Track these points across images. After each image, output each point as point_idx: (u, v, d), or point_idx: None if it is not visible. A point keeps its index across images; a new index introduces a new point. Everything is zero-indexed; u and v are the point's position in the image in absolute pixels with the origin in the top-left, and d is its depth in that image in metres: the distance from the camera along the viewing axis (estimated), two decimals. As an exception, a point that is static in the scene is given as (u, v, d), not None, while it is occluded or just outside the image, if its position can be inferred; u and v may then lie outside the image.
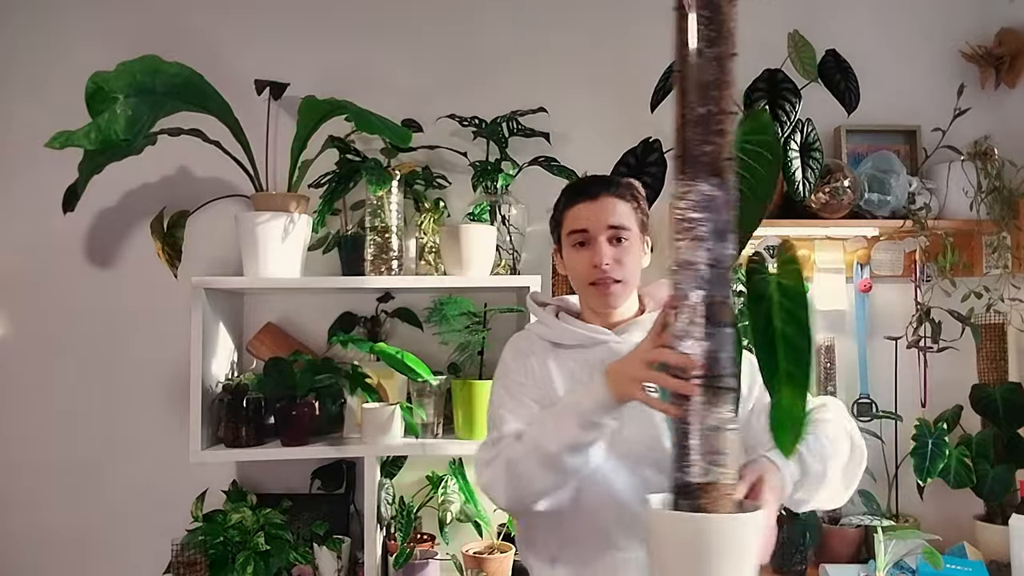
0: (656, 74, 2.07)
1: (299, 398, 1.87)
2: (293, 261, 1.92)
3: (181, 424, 1.85)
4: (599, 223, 1.36)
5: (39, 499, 2.06)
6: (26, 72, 2.11)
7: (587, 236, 1.37)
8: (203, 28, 2.15)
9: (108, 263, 2.12)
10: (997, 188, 2.13)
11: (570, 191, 1.44)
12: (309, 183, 1.99)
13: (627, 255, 1.37)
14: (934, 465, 2.03)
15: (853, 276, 2.27)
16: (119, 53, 1.64)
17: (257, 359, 2.03)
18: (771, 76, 1.99)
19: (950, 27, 2.36)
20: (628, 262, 1.37)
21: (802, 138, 1.98)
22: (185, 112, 1.75)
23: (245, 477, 2.08)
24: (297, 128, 1.91)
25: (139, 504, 2.06)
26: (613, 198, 1.38)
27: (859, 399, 2.23)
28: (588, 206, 1.38)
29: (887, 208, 2.11)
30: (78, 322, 2.09)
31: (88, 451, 2.07)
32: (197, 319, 1.82)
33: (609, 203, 1.38)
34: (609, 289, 1.37)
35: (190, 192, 2.08)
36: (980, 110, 2.27)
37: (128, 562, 2.05)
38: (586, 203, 1.39)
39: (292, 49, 2.17)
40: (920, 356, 2.21)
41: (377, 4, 2.22)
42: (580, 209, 1.39)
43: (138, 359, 2.09)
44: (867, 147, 2.28)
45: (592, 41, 2.24)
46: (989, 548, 2.05)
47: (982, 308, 2.17)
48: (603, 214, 1.36)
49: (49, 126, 1.57)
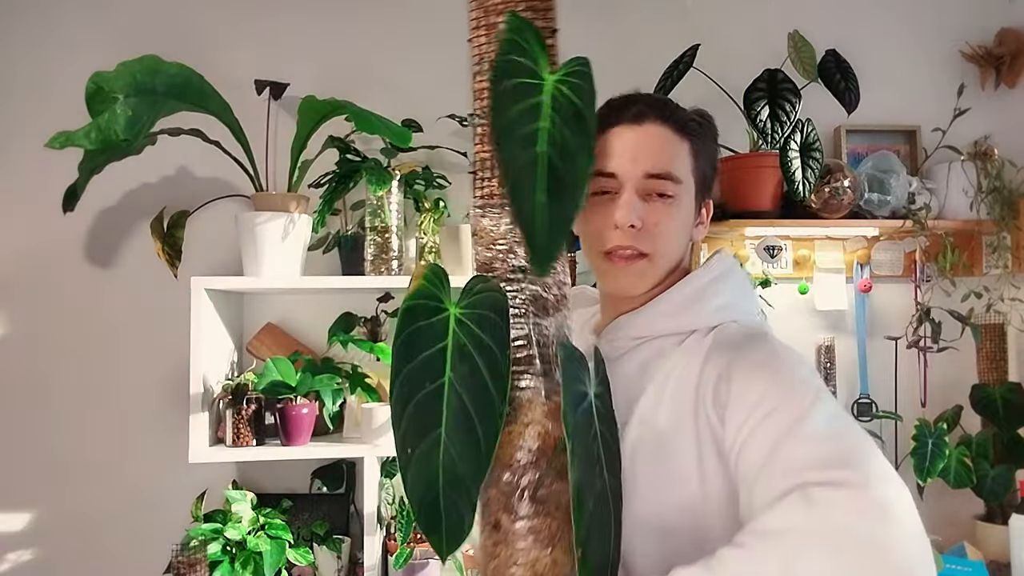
0: (656, 74, 2.07)
1: (299, 398, 1.87)
2: (293, 261, 1.92)
3: (181, 424, 1.85)
4: (634, 165, 0.95)
5: (39, 499, 2.06)
6: (26, 72, 2.11)
7: (614, 184, 0.95)
8: (203, 28, 2.15)
9: (108, 263, 2.12)
10: (997, 188, 2.13)
11: (608, 107, 1.00)
12: (309, 183, 1.99)
13: (667, 219, 0.96)
14: (934, 465, 2.03)
15: (853, 276, 2.27)
16: (119, 53, 1.63)
17: (257, 359, 2.03)
18: (771, 76, 1.99)
19: (950, 27, 2.36)
20: (666, 229, 0.96)
21: (802, 138, 1.98)
22: (185, 112, 1.74)
23: (245, 477, 2.08)
24: (297, 128, 1.90)
25: (139, 504, 2.06)
26: (664, 127, 0.96)
27: (859, 399, 2.23)
28: (624, 134, 0.96)
29: (887, 208, 2.11)
30: (78, 322, 2.09)
31: (88, 451, 2.07)
32: (197, 319, 1.82)
33: (656, 135, 0.96)
34: (628, 265, 0.96)
35: (190, 192, 2.08)
36: (980, 110, 2.27)
37: (128, 562, 2.05)
38: (623, 129, 0.96)
39: (292, 49, 2.17)
40: (920, 356, 2.21)
41: (377, 4, 2.22)
42: (613, 138, 0.96)
43: (138, 359, 2.09)
44: (867, 147, 2.28)
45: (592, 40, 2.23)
46: (989, 548, 2.05)
47: (982, 308, 2.17)
48: (643, 152, 0.95)
49: (49, 126, 1.56)
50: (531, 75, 0.84)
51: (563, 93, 0.83)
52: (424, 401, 0.82)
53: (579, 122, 0.82)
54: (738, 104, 2.02)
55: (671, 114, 0.97)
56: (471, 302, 0.85)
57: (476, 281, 0.87)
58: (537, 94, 0.83)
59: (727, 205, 2.11)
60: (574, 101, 0.82)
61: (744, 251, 2.22)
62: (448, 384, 0.82)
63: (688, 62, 2.04)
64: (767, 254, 2.17)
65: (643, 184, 0.95)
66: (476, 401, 0.81)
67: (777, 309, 2.22)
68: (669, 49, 2.09)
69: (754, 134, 2.08)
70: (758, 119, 1.93)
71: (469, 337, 0.83)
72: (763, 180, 2.08)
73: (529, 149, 0.80)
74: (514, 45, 0.84)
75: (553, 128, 0.81)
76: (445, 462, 0.80)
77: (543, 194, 0.79)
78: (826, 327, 2.29)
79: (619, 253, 0.96)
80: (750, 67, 2.03)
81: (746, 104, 1.97)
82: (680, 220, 0.98)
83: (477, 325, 0.83)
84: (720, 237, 2.22)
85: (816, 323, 2.29)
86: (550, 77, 0.84)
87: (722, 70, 2.08)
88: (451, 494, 0.80)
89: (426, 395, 0.82)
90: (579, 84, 0.84)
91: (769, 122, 1.93)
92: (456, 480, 0.80)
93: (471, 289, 0.87)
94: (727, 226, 2.08)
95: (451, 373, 0.82)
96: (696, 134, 0.98)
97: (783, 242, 2.19)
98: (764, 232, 2.17)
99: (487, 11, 0.91)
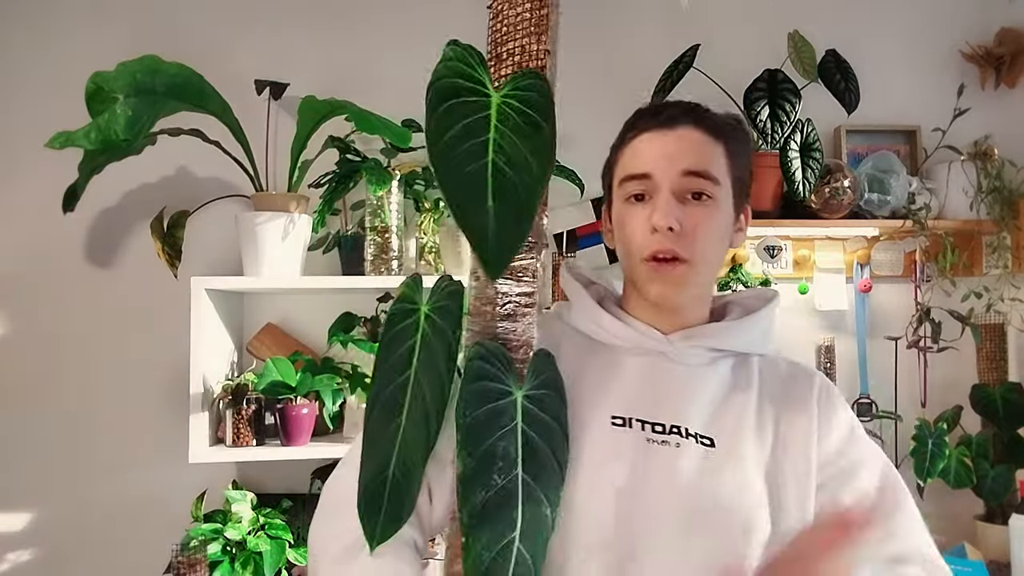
0: (656, 74, 2.07)
1: (299, 398, 1.87)
2: (293, 261, 1.92)
3: (181, 424, 1.85)
4: (669, 165, 0.91)
5: (39, 499, 2.06)
6: (26, 72, 2.11)
7: (649, 185, 0.92)
8: (203, 28, 2.15)
9: (108, 263, 2.12)
10: (997, 188, 2.13)
11: (637, 115, 0.99)
12: (309, 183, 1.99)
13: (706, 221, 0.92)
14: (934, 465, 2.03)
15: (853, 276, 2.27)
16: (119, 53, 1.63)
17: (257, 359, 2.03)
18: (771, 76, 1.99)
19: (950, 27, 2.36)
20: (705, 232, 0.92)
21: (802, 138, 1.98)
22: (185, 112, 1.74)
23: (245, 477, 2.08)
24: (297, 128, 1.90)
25: (139, 504, 2.06)
26: (698, 131, 0.93)
27: (859, 399, 2.23)
28: (657, 138, 0.93)
29: (887, 208, 2.11)
30: (78, 322, 2.09)
31: (88, 451, 2.07)
32: (197, 319, 1.82)
33: (690, 137, 0.93)
34: (672, 270, 0.91)
35: (190, 192, 2.08)
36: (980, 110, 2.27)
37: (128, 562, 2.05)
38: (655, 134, 0.94)
39: (292, 49, 2.17)
40: (920, 356, 2.21)
41: (377, 4, 2.22)
42: (644, 142, 0.94)
43: (138, 359, 2.09)
44: (867, 147, 2.28)
45: (592, 41, 2.24)
46: (989, 548, 2.06)
47: (982, 308, 2.17)
48: (679, 152, 0.91)
49: (49, 126, 1.56)
50: (475, 93, 0.87)
51: (511, 106, 0.86)
52: (391, 393, 0.88)
53: (531, 131, 0.85)
54: (738, 104, 2.02)
55: (704, 117, 0.94)
56: (437, 298, 0.91)
57: (443, 280, 0.92)
58: (483, 110, 0.86)
59: (727, 205, 2.11)
60: (524, 111, 0.85)
61: (744, 251, 2.22)
62: (413, 375, 0.87)
63: (688, 62, 2.04)
64: (767, 254, 2.17)
65: (680, 183, 0.91)
66: (432, 386, 0.86)
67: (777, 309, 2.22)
68: (669, 49, 2.09)
69: (754, 134, 2.08)
70: (758, 119, 1.94)
71: (431, 327, 0.88)
72: (763, 180, 2.08)
73: (476, 161, 0.83)
74: (453, 69, 0.87)
75: (501, 139, 0.84)
76: (400, 447, 0.86)
77: (492, 201, 0.81)
78: (826, 327, 2.28)
79: (659, 257, 0.91)
80: (750, 67, 2.03)
81: (746, 104, 1.97)
82: (720, 223, 0.94)
83: (439, 316, 0.89)
84: (720, 237, 2.22)
85: (816, 323, 2.29)
86: (496, 94, 0.87)
87: (722, 70, 2.08)
88: (399, 478, 0.86)
89: (394, 387, 0.88)
90: (528, 96, 0.87)
91: (769, 122, 1.93)
92: (405, 465, 0.86)
93: (439, 287, 0.92)
94: (727, 226, 2.08)
95: (416, 365, 0.87)
96: (731, 136, 0.96)
97: (783, 242, 2.19)
98: (764, 232, 2.17)
99: None
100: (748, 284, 2.15)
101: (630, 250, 0.94)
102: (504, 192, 0.81)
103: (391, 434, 0.87)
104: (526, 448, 0.84)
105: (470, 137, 0.83)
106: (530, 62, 0.91)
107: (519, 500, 0.83)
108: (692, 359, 0.97)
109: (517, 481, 0.83)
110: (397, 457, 0.86)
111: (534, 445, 0.85)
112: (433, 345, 0.87)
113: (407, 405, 0.87)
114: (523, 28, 0.91)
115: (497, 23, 0.93)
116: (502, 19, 0.92)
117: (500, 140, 0.83)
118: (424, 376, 0.87)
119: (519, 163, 0.83)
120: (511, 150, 0.83)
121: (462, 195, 0.81)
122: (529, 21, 0.91)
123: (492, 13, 0.94)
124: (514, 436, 0.84)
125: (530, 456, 0.85)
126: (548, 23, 0.93)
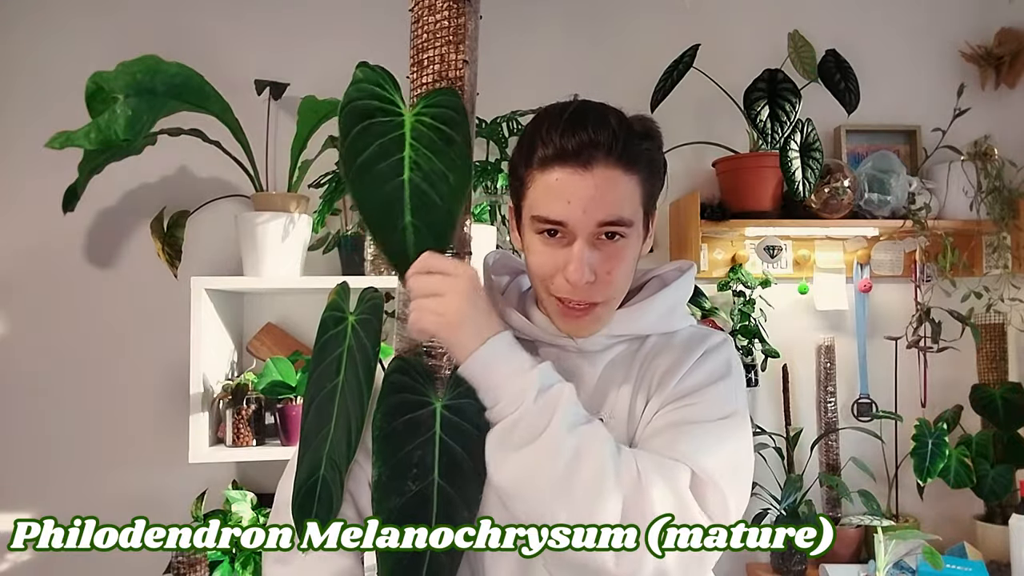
0: (656, 73, 2.07)
1: (299, 398, 1.87)
2: (293, 261, 1.92)
3: (181, 424, 1.85)
4: (585, 216, 0.88)
5: (38, 499, 2.06)
6: (26, 72, 2.11)
7: (563, 230, 0.90)
8: (203, 28, 2.15)
9: (108, 263, 2.12)
10: (997, 188, 2.13)
11: (546, 135, 0.90)
12: (309, 183, 1.99)
13: (620, 261, 0.92)
14: (934, 465, 2.03)
15: (853, 276, 2.27)
16: (119, 53, 1.63)
17: (257, 359, 2.03)
18: (771, 76, 1.99)
19: (950, 27, 2.36)
20: (619, 273, 0.92)
21: (802, 138, 1.98)
22: (185, 112, 1.75)
23: (245, 477, 2.08)
24: (297, 128, 1.90)
25: (139, 504, 2.06)
26: (615, 170, 0.88)
27: (859, 399, 2.24)
28: (571, 179, 0.88)
29: (887, 208, 2.11)
30: (78, 322, 2.09)
31: (88, 451, 2.07)
32: (197, 319, 1.82)
33: (606, 180, 0.88)
34: (585, 315, 0.93)
35: (190, 192, 2.08)
36: (980, 110, 2.27)
37: (128, 562, 2.05)
38: (568, 172, 0.88)
39: (292, 49, 2.17)
40: (920, 356, 2.21)
41: (377, 4, 2.22)
42: (557, 182, 0.88)
43: (138, 359, 2.09)
44: (867, 147, 2.28)
45: (592, 40, 2.24)
46: (989, 548, 2.06)
47: (982, 308, 2.17)
48: (593, 203, 0.88)
49: (49, 126, 1.56)
50: (388, 114, 0.90)
51: (424, 123, 0.89)
52: (324, 400, 0.91)
53: (445, 146, 0.88)
54: (738, 104, 2.02)
55: (618, 147, 0.89)
56: (361, 309, 0.93)
57: (368, 291, 0.95)
58: (397, 129, 0.89)
59: (727, 205, 2.11)
60: (437, 127, 0.88)
61: (744, 251, 2.22)
62: (341, 383, 0.90)
63: (688, 62, 2.04)
64: (767, 254, 2.17)
65: (596, 231, 0.90)
66: (352, 396, 0.90)
67: (777, 309, 2.22)
68: (669, 49, 2.09)
69: (754, 134, 2.08)
70: (758, 119, 1.94)
71: (355, 339, 0.91)
72: (763, 180, 2.08)
73: (392, 179, 0.86)
74: (365, 91, 0.91)
75: (416, 156, 0.87)
76: (329, 451, 0.90)
77: (411, 217, 0.86)
78: (826, 327, 2.29)
79: (573, 304, 0.92)
80: (750, 67, 2.03)
81: (746, 104, 1.97)
82: (633, 253, 0.94)
83: (362, 328, 0.92)
84: (720, 237, 2.22)
85: (816, 323, 2.29)
86: (408, 113, 0.90)
87: (722, 70, 2.09)
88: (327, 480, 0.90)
89: (325, 394, 0.91)
90: (440, 112, 0.89)
91: (769, 122, 1.93)
92: (333, 465, 0.90)
93: (363, 298, 0.94)
94: (727, 226, 2.08)
95: (344, 373, 0.90)
96: (643, 161, 0.92)
97: (783, 242, 2.19)
98: (764, 232, 2.17)
99: None
100: (748, 284, 2.15)
101: (540, 277, 0.94)
102: (423, 208, 0.86)
103: (323, 438, 0.91)
104: (444, 456, 0.88)
105: (386, 157, 0.87)
106: (448, 71, 0.93)
107: (434, 505, 0.86)
108: (587, 346, 0.99)
109: (433, 487, 0.87)
110: (326, 462, 0.90)
111: (452, 453, 0.88)
112: (355, 356, 0.90)
113: (336, 412, 0.90)
114: (442, 36, 0.94)
115: (418, 28, 0.96)
116: (422, 25, 0.95)
117: (416, 157, 0.88)
118: (347, 385, 0.90)
119: (437, 178, 0.87)
120: (428, 166, 0.87)
121: (380, 214, 0.86)
122: (448, 29, 0.93)
123: (413, 18, 0.96)
124: (432, 445, 0.87)
125: (449, 463, 0.88)
126: (466, 32, 0.94)
